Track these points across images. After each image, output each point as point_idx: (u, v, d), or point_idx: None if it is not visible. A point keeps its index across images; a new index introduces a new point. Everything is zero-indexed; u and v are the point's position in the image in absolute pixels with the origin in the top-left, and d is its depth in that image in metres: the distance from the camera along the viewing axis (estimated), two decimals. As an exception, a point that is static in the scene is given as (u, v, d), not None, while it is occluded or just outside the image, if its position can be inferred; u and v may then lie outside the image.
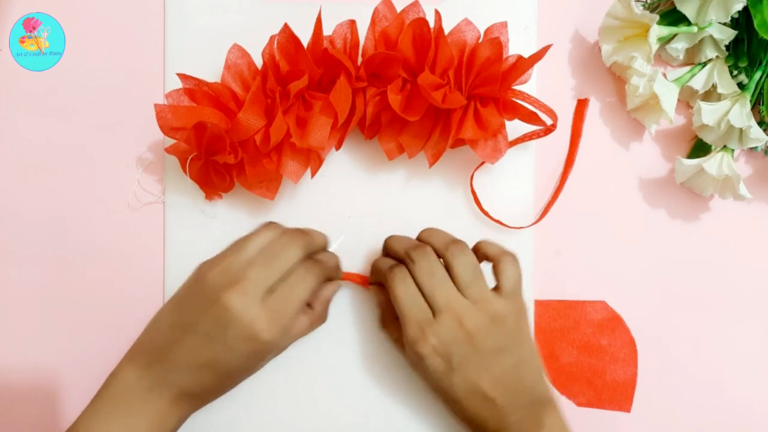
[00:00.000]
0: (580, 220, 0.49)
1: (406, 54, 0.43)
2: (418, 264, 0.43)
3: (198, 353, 0.40)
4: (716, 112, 0.45)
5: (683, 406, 0.49)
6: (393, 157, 0.46)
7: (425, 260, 0.43)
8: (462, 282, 0.42)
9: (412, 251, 0.43)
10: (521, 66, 0.43)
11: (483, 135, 0.43)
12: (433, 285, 0.42)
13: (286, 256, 0.42)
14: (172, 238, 0.48)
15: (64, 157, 0.49)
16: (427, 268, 0.43)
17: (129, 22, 0.49)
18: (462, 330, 0.41)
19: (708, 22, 0.44)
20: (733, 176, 0.45)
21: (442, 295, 0.42)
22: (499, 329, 0.43)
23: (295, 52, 0.42)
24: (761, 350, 0.50)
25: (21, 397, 0.49)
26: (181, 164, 0.46)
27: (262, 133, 0.43)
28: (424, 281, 0.42)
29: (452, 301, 0.42)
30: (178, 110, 0.43)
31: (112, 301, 0.49)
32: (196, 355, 0.40)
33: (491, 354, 0.42)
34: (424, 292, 0.42)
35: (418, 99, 0.43)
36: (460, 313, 0.41)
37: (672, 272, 0.50)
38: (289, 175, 0.44)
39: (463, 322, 0.41)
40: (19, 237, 0.49)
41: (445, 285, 0.42)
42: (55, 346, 0.49)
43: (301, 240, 0.43)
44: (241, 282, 0.40)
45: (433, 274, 0.42)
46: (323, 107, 0.43)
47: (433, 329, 0.41)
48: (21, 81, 0.49)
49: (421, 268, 0.43)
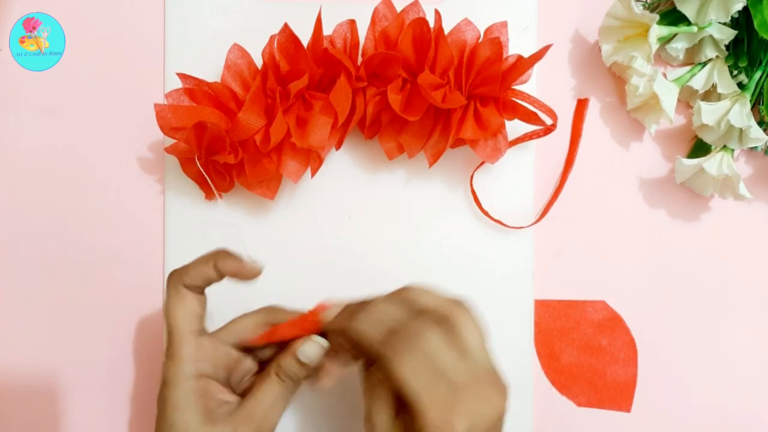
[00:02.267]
0: (580, 220, 0.49)
1: (406, 54, 0.43)
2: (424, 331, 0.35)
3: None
4: (716, 112, 0.45)
5: (683, 406, 0.49)
6: (393, 157, 0.46)
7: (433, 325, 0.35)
8: (471, 350, 0.35)
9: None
10: (521, 66, 0.43)
11: (483, 135, 0.43)
12: (445, 353, 0.34)
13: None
14: (172, 238, 0.48)
15: (64, 156, 0.49)
16: (438, 335, 0.34)
17: (129, 22, 0.49)
18: (490, 408, 0.33)
19: (708, 22, 0.44)
20: (733, 176, 0.45)
21: (456, 366, 0.34)
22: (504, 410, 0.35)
23: (295, 52, 0.42)
24: (761, 350, 0.50)
25: (21, 398, 0.49)
26: (180, 164, 0.46)
27: (262, 132, 0.43)
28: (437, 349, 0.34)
29: (469, 371, 0.34)
30: (178, 110, 0.43)
31: (111, 301, 0.49)
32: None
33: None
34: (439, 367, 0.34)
35: (418, 99, 0.43)
36: (483, 386, 0.34)
37: (672, 272, 0.49)
38: (289, 174, 0.44)
39: (489, 398, 0.34)
40: (18, 237, 0.49)
41: (458, 353, 0.34)
42: (54, 347, 0.49)
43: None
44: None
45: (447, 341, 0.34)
46: (323, 107, 0.43)
47: (464, 408, 0.32)
48: (21, 81, 0.49)
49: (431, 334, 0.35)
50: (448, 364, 0.33)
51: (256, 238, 0.48)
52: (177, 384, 0.37)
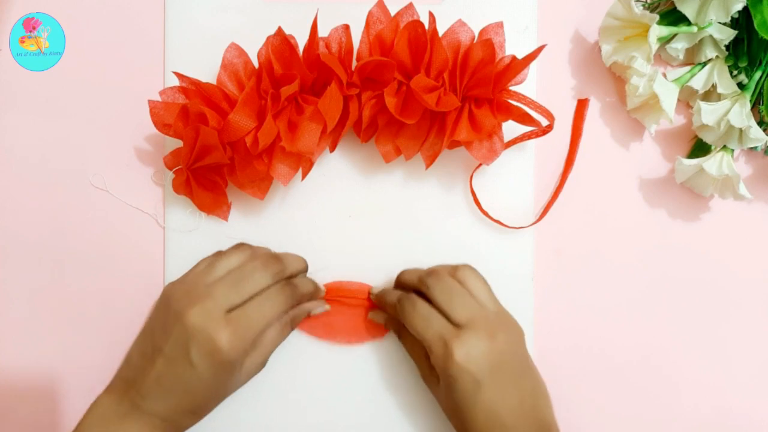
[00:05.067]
0: (580, 220, 0.49)
1: (402, 57, 0.42)
2: (433, 287, 0.42)
3: (166, 377, 0.40)
4: (716, 112, 0.45)
5: (683, 405, 0.49)
6: (390, 160, 0.46)
7: (440, 282, 0.42)
8: (480, 297, 0.42)
9: (426, 277, 0.43)
10: (515, 67, 0.43)
11: (477, 136, 0.43)
12: (452, 301, 0.41)
13: (255, 279, 0.41)
14: (172, 237, 0.48)
15: (64, 156, 0.49)
16: (443, 287, 0.42)
17: (129, 22, 0.49)
18: (491, 342, 0.40)
19: (708, 22, 0.44)
20: (733, 176, 0.45)
21: (464, 310, 0.41)
22: (521, 347, 0.42)
23: (288, 55, 0.42)
24: (762, 350, 0.50)
25: (21, 399, 0.49)
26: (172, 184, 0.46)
27: (253, 135, 0.42)
28: (442, 299, 0.41)
29: (476, 314, 0.41)
30: (172, 107, 0.44)
31: (111, 301, 0.49)
32: (164, 379, 0.40)
33: (515, 372, 0.41)
34: (443, 309, 0.41)
35: (414, 101, 0.43)
36: (487, 324, 0.40)
37: (672, 272, 0.49)
38: (279, 177, 0.44)
39: (492, 334, 0.40)
40: (18, 237, 0.49)
41: (466, 300, 0.41)
42: (54, 348, 0.49)
43: (272, 266, 0.42)
44: (203, 299, 0.40)
45: (451, 291, 0.42)
46: (313, 114, 0.42)
47: (460, 341, 0.39)
48: (21, 81, 0.49)
49: (437, 288, 0.42)
50: (448, 307, 0.41)
51: (257, 238, 0.48)
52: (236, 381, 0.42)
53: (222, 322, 0.39)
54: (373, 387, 0.48)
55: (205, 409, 0.42)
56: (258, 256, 0.43)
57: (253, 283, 0.41)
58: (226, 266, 0.42)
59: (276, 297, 0.42)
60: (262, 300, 0.41)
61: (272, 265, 0.43)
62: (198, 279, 0.42)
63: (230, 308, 0.40)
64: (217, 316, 0.39)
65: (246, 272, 0.42)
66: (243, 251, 0.43)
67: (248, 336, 0.40)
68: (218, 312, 0.39)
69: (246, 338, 0.40)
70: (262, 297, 0.41)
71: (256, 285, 0.41)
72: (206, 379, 0.40)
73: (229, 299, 0.40)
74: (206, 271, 0.42)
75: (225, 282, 0.41)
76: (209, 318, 0.39)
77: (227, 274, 0.42)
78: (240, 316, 0.40)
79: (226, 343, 0.39)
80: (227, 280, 0.41)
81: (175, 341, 0.39)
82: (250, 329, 0.40)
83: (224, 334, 0.39)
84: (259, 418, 0.48)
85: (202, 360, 0.39)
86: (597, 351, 0.49)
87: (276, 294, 0.42)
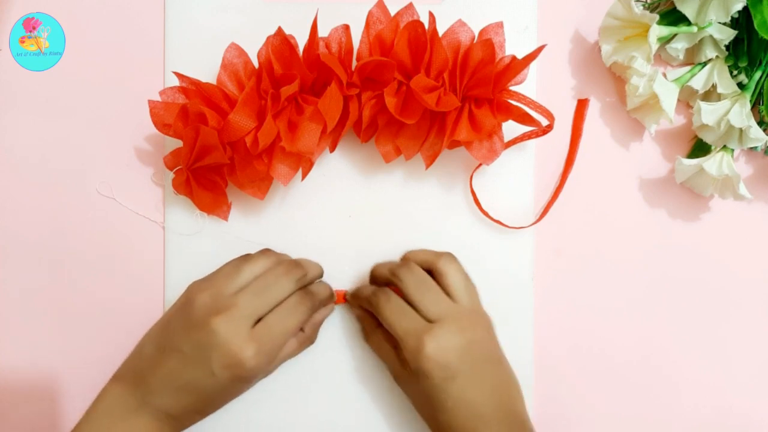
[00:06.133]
0: (580, 220, 0.49)
1: (402, 57, 0.42)
2: (405, 281, 0.43)
3: (180, 375, 0.40)
4: (716, 112, 0.45)
5: (683, 405, 0.49)
6: (390, 160, 0.46)
7: (411, 275, 0.43)
8: (454, 292, 0.42)
9: (398, 269, 0.43)
10: (515, 67, 0.43)
11: (477, 136, 0.43)
12: (424, 297, 0.42)
13: (279, 288, 0.42)
14: (172, 238, 0.48)
15: (64, 157, 0.49)
16: (415, 282, 0.43)
17: (129, 22, 0.49)
18: (462, 336, 0.41)
19: (708, 22, 0.44)
20: (733, 176, 0.45)
21: (435, 306, 0.42)
22: (493, 340, 0.43)
23: (288, 55, 0.42)
24: (762, 350, 0.50)
25: (21, 400, 0.49)
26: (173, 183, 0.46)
27: (253, 135, 0.43)
28: (413, 293, 0.42)
29: (447, 309, 0.42)
30: (171, 107, 0.44)
31: (112, 302, 0.49)
32: (177, 377, 0.40)
33: (487, 364, 0.41)
34: (415, 305, 0.42)
35: (414, 101, 0.43)
36: (458, 320, 0.41)
37: (672, 272, 0.49)
38: (279, 177, 0.44)
39: (463, 329, 0.41)
40: (18, 237, 0.49)
41: (437, 296, 0.42)
42: (54, 348, 0.49)
43: (295, 273, 0.43)
44: (230, 309, 0.40)
45: (422, 285, 0.42)
46: (313, 114, 0.42)
47: (431, 335, 0.40)
48: (21, 81, 0.49)
49: (410, 283, 0.43)
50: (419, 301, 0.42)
51: (257, 238, 0.48)
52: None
53: (247, 338, 0.40)
54: (373, 387, 0.48)
55: (211, 410, 0.42)
56: (282, 262, 0.44)
57: (278, 291, 0.42)
58: (251, 272, 0.43)
59: (297, 308, 0.42)
60: (285, 313, 0.42)
61: (295, 271, 0.43)
62: (224, 284, 0.42)
63: (255, 318, 0.40)
64: (243, 330, 0.40)
65: (270, 280, 0.42)
66: (269, 257, 0.44)
67: (272, 353, 0.41)
68: (244, 325, 0.40)
69: (270, 355, 0.41)
70: (284, 310, 0.42)
71: (281, 292, 0.42)
72: (221, 388, 0.40)
73: (253, 308, 0.41)
74: (232, 276, 0.42)
75: (250, 290, 0.41)
76: (235, 332, 0.40)
77: (252, 281, 0.42)
78: (263, 333, 0.40)
79: (250, 359, 0.40)
80: (252, 288, 0.41)
81: (196, 345, 0.40)
82: (274, 346, 0.41)
83: (249, 351, 0.40)
84: (260, 418, 0.48)
85: (222, 371, 0.39)
86: (597, 351, 0.49)
87: (296, 305, 0.42)
